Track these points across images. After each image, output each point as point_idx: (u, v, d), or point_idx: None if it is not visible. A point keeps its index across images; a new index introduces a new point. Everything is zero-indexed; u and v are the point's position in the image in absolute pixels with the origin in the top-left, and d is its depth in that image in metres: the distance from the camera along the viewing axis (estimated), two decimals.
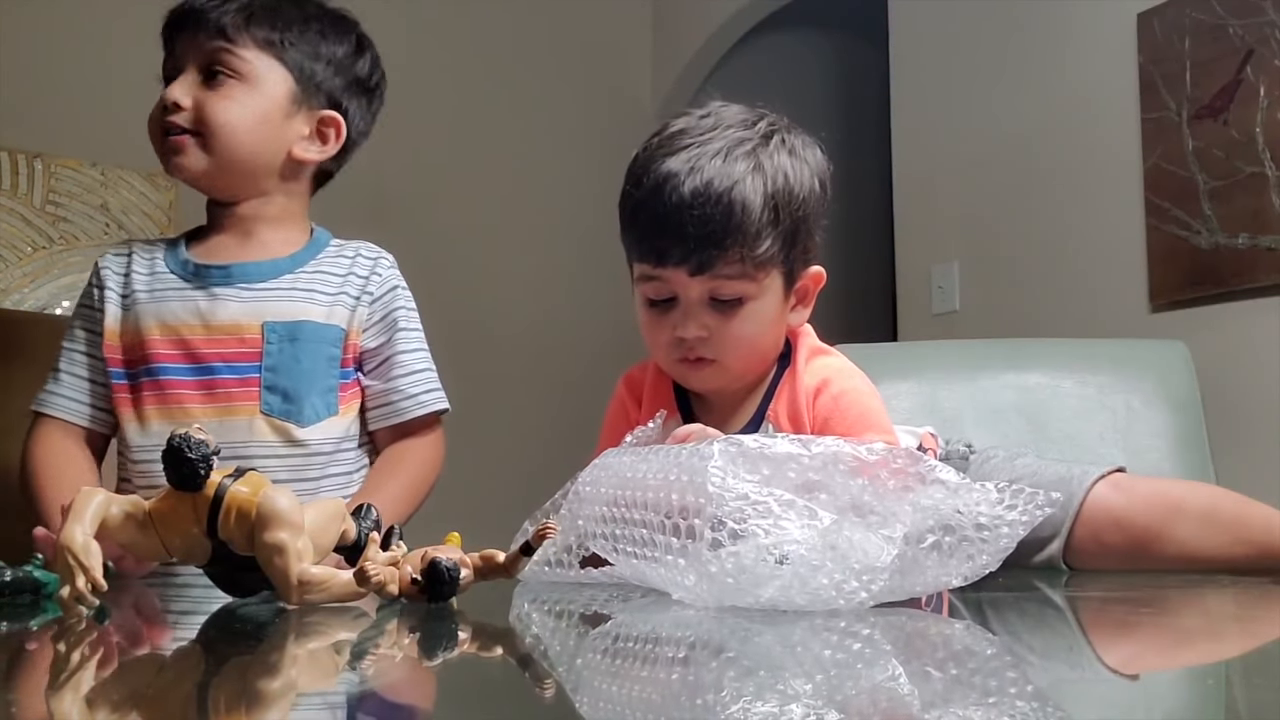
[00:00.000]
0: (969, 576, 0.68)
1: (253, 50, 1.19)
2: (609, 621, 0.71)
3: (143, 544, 0.70)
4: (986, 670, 0.53)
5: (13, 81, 2.58)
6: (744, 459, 0.71)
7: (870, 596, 0.64)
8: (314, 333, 1.19)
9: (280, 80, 1.21)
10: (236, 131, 1.18)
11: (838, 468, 0.71)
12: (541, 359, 3.29)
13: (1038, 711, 0.42)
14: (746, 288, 1.02)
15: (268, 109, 1.20)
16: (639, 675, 0.51)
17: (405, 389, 1.23)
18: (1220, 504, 1.06)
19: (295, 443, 1.17)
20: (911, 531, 0.66)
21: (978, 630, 0.70)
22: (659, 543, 0.71)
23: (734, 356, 1.05)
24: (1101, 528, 1.01)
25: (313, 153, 1.24)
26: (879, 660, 0.54)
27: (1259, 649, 0.63)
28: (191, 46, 1.19)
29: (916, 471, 0.71)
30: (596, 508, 0.78)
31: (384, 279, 1.25)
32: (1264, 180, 2.10)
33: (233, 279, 1.20)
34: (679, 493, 0.71)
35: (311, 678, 0.53)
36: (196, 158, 1.18)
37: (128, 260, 1.24)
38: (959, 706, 0.42)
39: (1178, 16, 2.25)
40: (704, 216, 0.98)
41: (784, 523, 0.66)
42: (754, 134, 1.04)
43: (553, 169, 3.42)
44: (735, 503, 0.67)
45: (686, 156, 1.01)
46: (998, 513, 0.67)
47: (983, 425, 1.52)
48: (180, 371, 1.17)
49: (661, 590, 0.73)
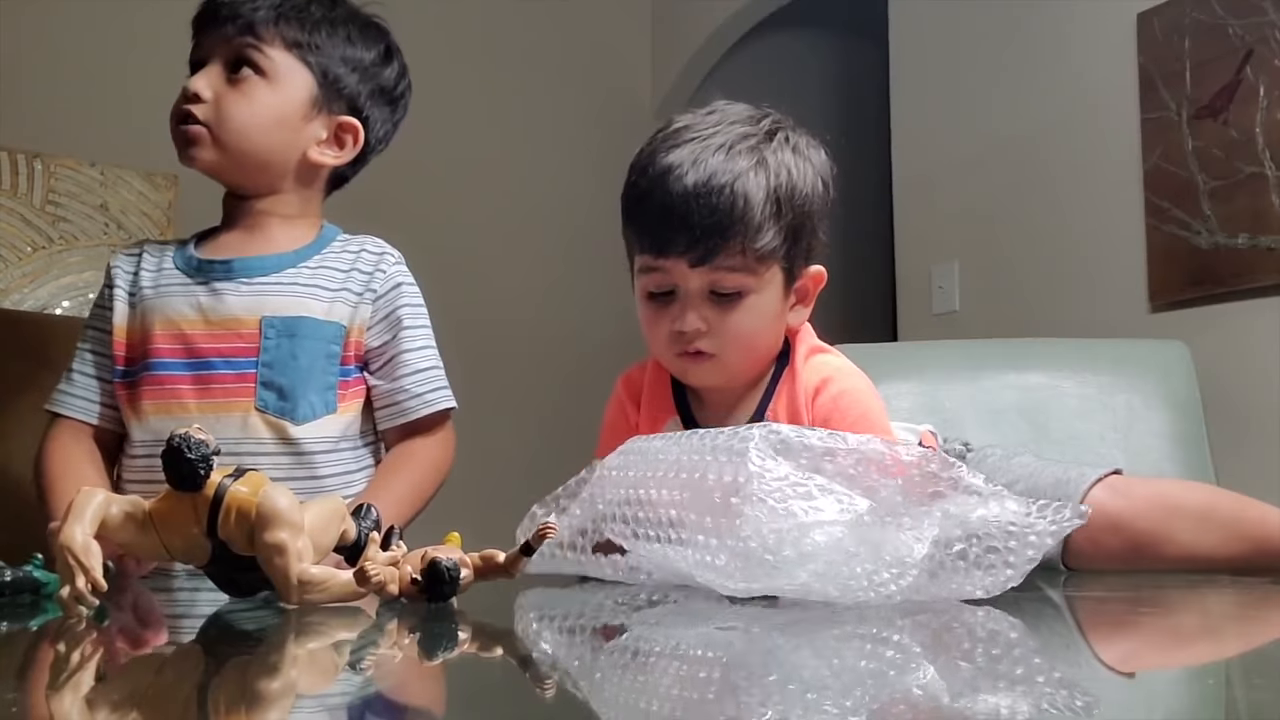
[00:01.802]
0: (990, 589, 0.68)
1: (279, 49, 1.19)
2: (625, 634, 0.70)
3: (142, 544, 0.70)
4: (1014, 659, 0.53)
5: (12, 81, 2.58)
6: (784, 446, 0.71)
7: (899, 590, 0.64)
8: (313, 329, 1.18)
9: (302, 82, 1.21)
10: (251, 129, 1.18)
11: (873, 465, 0.71)
12: (542, 358, 3.29)
13: (1066, 700, 0.42)
14: (747, 281, 1.03)
15: (286, 110, 1.20)
16: (667, 693, 0.50)
17: (410, 388, 1.22)
18: (1217, 503, 1.07)
19: (289, 440, 1.16)
20: (940, 536, 0.66)
21: (1004, 619, 0.69)
22: (690, 523, 0.71)
23: (732, 350, 1.05)
24: (1099, 532, 1.00)
25: (328, 157, 1.23)
26: (911, 665, 0.54)
27: (1259, 649, 0.63)
28: (219, 40, 1.19)
29: (949, 477, 0.71)
30: (621, 490, 0.78)
31: (388, 276, 1.24)
32: (1264, 180, 2.10)
33: (234, 273, 1.20)
34: (716, 472, 0.71)
35: (311, 678, 0.53)
36: (208, 150, 1.18)
37: (138, 259, 1.24)
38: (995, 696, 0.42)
39: (1177, 16, 2.25)
40: (707, 207, 0.99)
41: (822, 505, 0.66)
42: (758, 130, 1.04)
43: (552, 168, 3.42)
44: (775, 482, 0.67)
45: (690, 150, 1.02)
46: (1027, 522, 0.67)
47: (983, 425, 1.52)
48: (177, 366, 1.17)
49: (679, 580, 0.73)
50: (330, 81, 1.22)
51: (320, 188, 1.27)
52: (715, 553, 0.68)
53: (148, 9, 2.57)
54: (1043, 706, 0.41)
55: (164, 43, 1.21)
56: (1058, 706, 0.42)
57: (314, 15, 1.22)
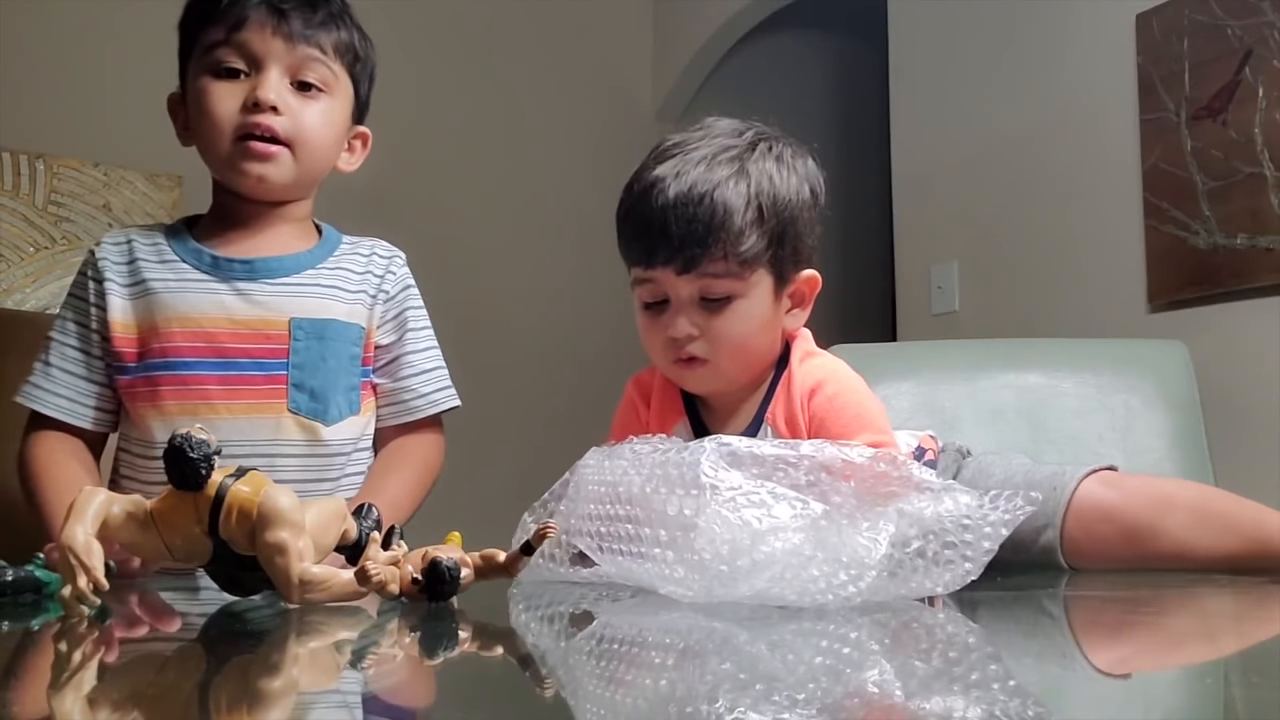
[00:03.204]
0: (951, 585, 0.68)
1: (337, 62, 1.17)
2: (594, 622, 0.71)
3: (144, 543, 0.70)
4: (969, 663, 0.53)
5: (14, 81, 2.58)
6: (735, 459, 0.72)
7: (858, 592, 0.64)
8: (340, 331, 1.18)
9: (348, 93, 1.20)
10: (325, 147, 1.17)
11: (825, 471, 0.72)
12: (542, 359, 3.29)
13: (1021, 706, 0.42)
14: (734, 286, 1.05)
15: (342, 124, 1.19)
16: (625, 680, 0.51)
17: (417, 388, 1.22)
18: (1210, 498, 1.08)
19: (320, 442, 1.16)
20: (897, 536, 0.67)
21: (964, 623, 0.70)
22: (645, 537, 0.72)
23: (725, 356, 1.07)
24: (1093, 521, 1.02)
25: (351, 165, 1.24)
26: (868, 661, 0.55)
27: (1256, 648, 0.63)
28: (273, 46, 1.12)
29: (900, 475, 0.72)
30: (587, 505, 0.79)
31: (398, 278, 1.24)
32: (1263, 181, 2.10)
33: (257, 273, 1.17)
34: (668, 485, 0.72)
35: (312, 677, 0.53)
36: (287, 170, 1.14)
37: (128, 249, 1.19)
38: (942, 697, 0.43)
39: (1176, 17, 2.25)
40: (687, 217, 1.02)
41: (776, 511, 0.67)
42: (740, 142, 1.07)
43: (552, 169, 3.42)
44: (729, 492, 0.68)
45: (673, 164, 1.05)
46: (980, 514, 0.68)
47: (982, 425, 1.53)
48: (203, 366, 1.14)
49: (648, 588, 0.73)
50: (361, 90, 1.22)
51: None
52: (673, 565, 0.69)
53: (151, 9, 2.57)
54: (995, 712, 0.41)
55: (167, 43, 1.19)
56: (1010, 713, 0.42)
57: (353, 21, 1.19)
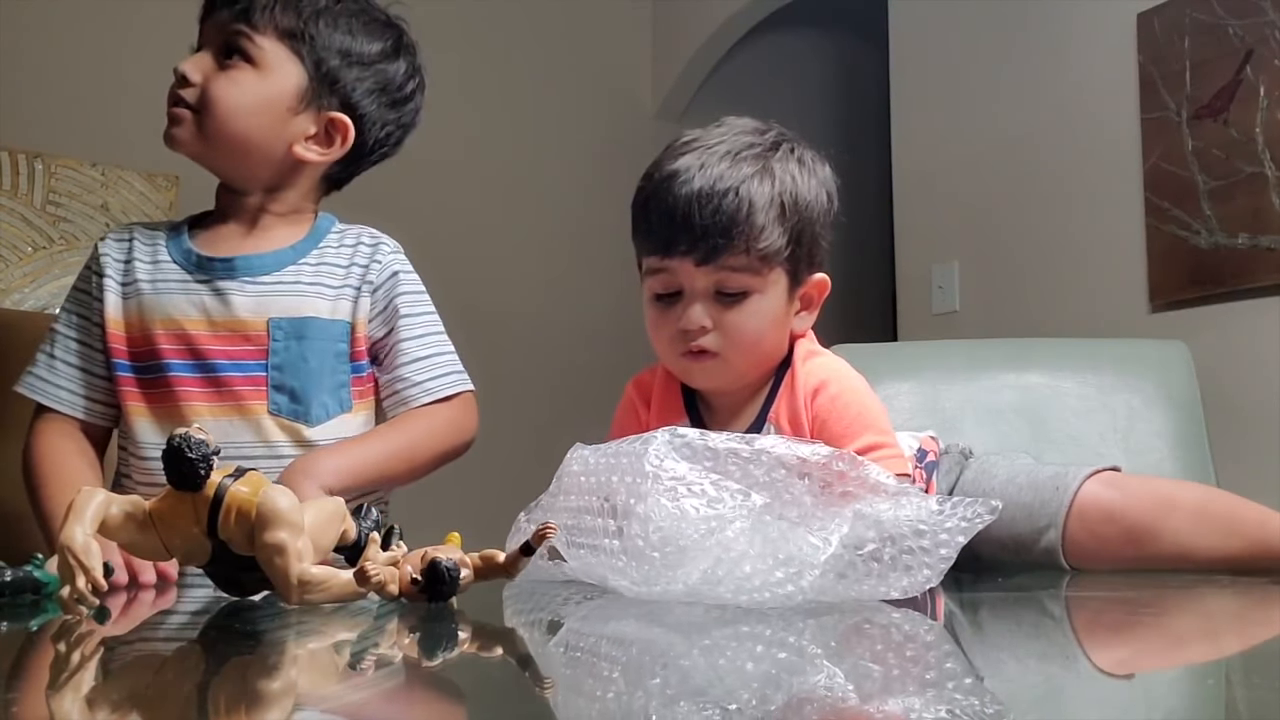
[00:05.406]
0: (908, 590, 0.67)
1: (271, 39, 1.17)
2: (562, 629, 0.70)
3: (143, 544, 0.70)
4: (926, 662, 0.53)
5: (13, 81, 2.58)
6: (688, 449, 0.72)
7: (798, 591, 0.63)
8: (320, 330, 1.17)
9: (292, 73, 1.18)
10: (232, 115, 1.16)
11: (783, 468, 0.72)
12: (543, 357, 3.29)
13: (978, 703, 0.42)
14: (751, 281, 1.05)
15: (272, 99, 1.17)
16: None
17: (409, 377, 1.20)
18: (1213, 499, 1.08)
19: (304, 443, 1.15)
20: (850, 537, 0.66)
21: (918, 618, 0.69)
22: (599, 529, 0.72)
23: (736, 351, 1.06)
24: (1095, 521, 1.02)
25: (314, 153, 1.19)
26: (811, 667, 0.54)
27: (1258, 649, 0.63)
28: (215, 26, 1.18)
29: (857, 475, 0.72)
30: (558, 499, 0.79)
31: (384, 266, 1.22)
32: (1264, 180, 2.10)
33: (236, 272, 1.17)
34: (619, 475, 0.72)
35: (311, 678, 0.53)
36: (190, 133, 1.16)
37: (129, 246, 1.20)
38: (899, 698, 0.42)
39: (1177, 16, 2.25)
40: (712, 208, 1.02)
41: (716, 501, 0.67)
42: (764, 141, 1.08)
43: (552, 168, 3.42)
44: (670, 481, 0.68)
45: (696, 156, 1.05)
46: (937, 521, 0.67)
47: (983, 425, 1.52)
48: (186, 368, 1.15)
49: (606, 586, 0.73)
50: (323, 75, 1.18)
51: (314, 186, 1.23)
52: (616, 554, 0.69)
53: (149, 9, 2.57)
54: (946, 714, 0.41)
55: (165, 42, 1.20)
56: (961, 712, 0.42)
57: (313, 5, 1.19)
